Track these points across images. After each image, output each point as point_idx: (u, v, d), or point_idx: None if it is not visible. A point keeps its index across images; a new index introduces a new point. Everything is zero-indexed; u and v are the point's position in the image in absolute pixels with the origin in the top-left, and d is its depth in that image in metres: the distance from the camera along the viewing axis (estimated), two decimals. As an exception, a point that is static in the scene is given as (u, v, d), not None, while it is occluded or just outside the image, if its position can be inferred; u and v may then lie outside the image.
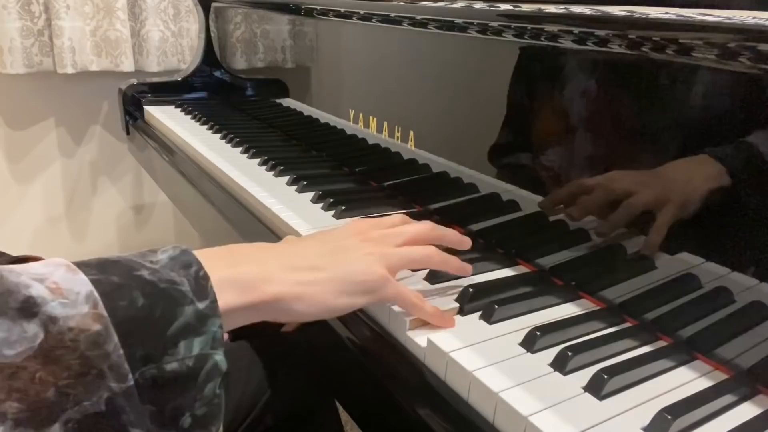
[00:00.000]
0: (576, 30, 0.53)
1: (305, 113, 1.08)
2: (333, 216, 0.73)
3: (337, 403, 0.82)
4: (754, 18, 0.42)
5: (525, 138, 0.63)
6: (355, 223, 0.53)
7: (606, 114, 0.55)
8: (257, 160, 0.95)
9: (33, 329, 0.31)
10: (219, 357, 0.37)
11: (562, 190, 0.59)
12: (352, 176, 0.90)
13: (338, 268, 0.46)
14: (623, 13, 0.51)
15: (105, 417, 0.32)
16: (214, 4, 1.40)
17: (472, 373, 0.43)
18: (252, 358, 0.74)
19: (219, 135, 1.12)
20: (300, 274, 0.44)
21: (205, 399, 0.36)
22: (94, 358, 0.32)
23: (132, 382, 0.33)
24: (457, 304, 0.52)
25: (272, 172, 0.90)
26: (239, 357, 0.75)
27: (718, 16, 0.44)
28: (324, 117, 1.00)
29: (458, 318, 0.51)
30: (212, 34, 1.43)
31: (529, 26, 0.58)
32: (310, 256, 0.46)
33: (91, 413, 0.32)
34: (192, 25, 1.68)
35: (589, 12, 0.53)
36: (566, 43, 0.55)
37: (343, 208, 0.73)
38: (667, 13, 0.49)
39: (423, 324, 0.50)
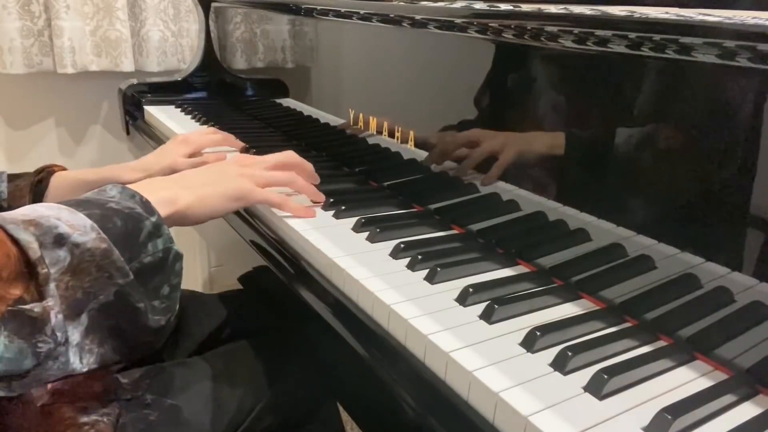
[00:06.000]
0: (576, 30, 0.53)
1: (305, 113, 1.08)
2: (333, 216, 0.72)
3: (338, 403, 0.82)
4: (754, 18, 0.42)
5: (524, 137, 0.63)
6: (236, 155, 0.80)
7: (607, 113, 0.55)
8: (257, 160, 0.95)
9: (63, 254, 0.45)
10: (176, 247, 0.54)
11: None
12: (352, 176, 0.90)
13: (219, 184, 0.65)
14: (623, 13, 0.51)
15: (114, 304, 0.48)
16: (214, 4, 1.40)
17: (472, 373, 0.43)
18: (252, 359, 0.74)
19: (219, 135, 1.12)
20: (195, 189, 0.63)
21: (176, 273, 0.54)
22: (106, 265, 0.47)
23: (132, 277, 0.49)
24: (456, 304, 0.53)
25: (272, 172, 0.89)
26: (239, 357, 0.75)
27: (718, 16, 0.44)
28: (324, 117, 1.00)
29: (458, 313, 0.51)
30: (212, 34, 1.43)
31: (529, 26, 0.58)
32: (200, 178, 0.66)
33: (104, 303, 0.48)
34: (192, 25, 1.68)
35: (589, 12, 0.53)
36: (566, 44, 0.55)
37: (343, 208, 0.73)
38: (667, 13, 0.50)
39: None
